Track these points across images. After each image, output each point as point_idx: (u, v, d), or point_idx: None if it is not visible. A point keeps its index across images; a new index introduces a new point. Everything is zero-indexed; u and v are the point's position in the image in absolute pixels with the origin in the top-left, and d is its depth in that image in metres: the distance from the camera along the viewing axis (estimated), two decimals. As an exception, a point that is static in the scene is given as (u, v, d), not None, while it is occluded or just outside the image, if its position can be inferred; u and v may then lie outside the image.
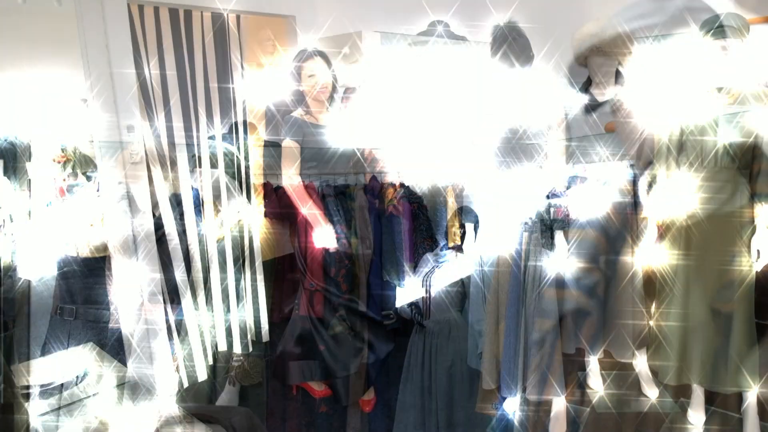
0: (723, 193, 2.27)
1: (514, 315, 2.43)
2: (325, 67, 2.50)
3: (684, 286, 2.35)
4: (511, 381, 2.43)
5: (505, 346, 2.44)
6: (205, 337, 2.82)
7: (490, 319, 2.47)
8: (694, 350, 2.35)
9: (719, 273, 2.29)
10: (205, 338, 2.83)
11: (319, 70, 2.47)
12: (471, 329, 2.64)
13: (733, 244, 2.26)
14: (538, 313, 2.40)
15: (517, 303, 2.42)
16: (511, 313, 2.43)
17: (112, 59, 2.40)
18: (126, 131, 2.47)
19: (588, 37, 2.26)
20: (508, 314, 2.43)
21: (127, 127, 2.47)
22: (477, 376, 2.62)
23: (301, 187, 2.75)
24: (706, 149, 2.26)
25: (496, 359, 2.51)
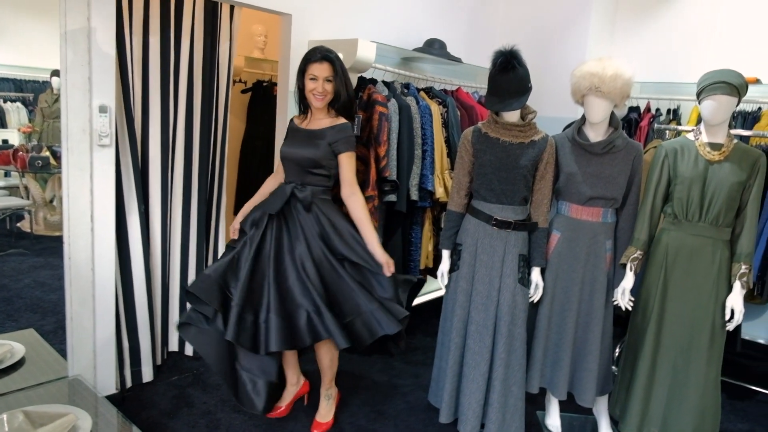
0: (702, 248, 2.25)
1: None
2: (329, 73, 2.34)
3: (655, 336, 2.33)
4: (472, 417, 2.35)
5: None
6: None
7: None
8: (656, 401, 2.32)
9: (691, 327, 2.27)
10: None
11: (322, 75, 2.33)
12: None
13: (707, 301, 2.24)
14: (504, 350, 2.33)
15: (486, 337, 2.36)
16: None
17: (92, 33, 2.25)
18: (98, 111, 2.32)
19: (588, 75, 2.23)
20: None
21: (100, 106, 2.32)
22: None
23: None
24: (692, 202, 2.25)
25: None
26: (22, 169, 5.29)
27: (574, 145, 2.38)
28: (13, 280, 4.29)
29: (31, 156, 5.35)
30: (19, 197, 5.73)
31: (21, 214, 5.75)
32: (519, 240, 2.35)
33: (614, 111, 2.35)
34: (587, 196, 2.34)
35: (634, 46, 4.27)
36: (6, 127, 7.06)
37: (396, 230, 3.17)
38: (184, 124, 2.83)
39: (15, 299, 3.89)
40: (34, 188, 5.50)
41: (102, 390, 2.56)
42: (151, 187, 2.76)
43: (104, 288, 2.49)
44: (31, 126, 6.63)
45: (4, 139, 6.42)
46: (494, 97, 2.27)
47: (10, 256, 4.87)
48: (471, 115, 3.63)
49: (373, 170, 2.96)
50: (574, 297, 2.39)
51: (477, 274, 2.36)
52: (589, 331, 2.39)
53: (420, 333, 3.79)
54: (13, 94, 7.50)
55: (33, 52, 4.54)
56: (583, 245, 2.37)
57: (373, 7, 3.46)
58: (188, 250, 3.00)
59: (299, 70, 2.37)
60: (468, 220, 2.42)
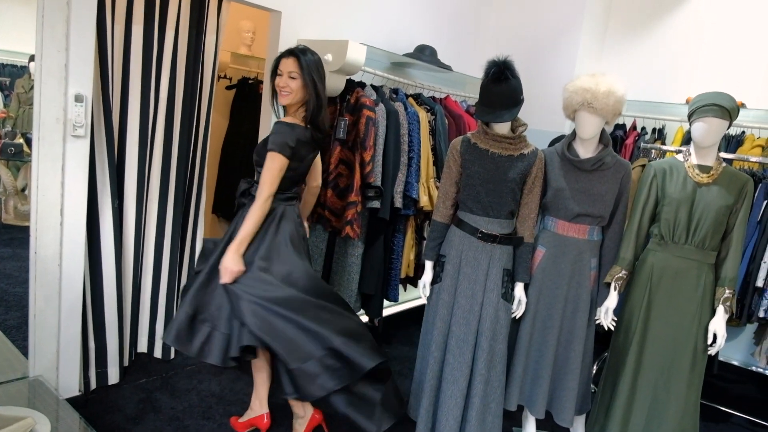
0: (687, 271, 2.24)
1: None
2: (294, 68, 2.22)
3: (636, 357, 2.30)
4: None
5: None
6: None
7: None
8: (635, 423, 2.29)
9: (673, 350, 2.25)
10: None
11: (286, 70, 2.23)
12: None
13: (690, 324, 2.23)
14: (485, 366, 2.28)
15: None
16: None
17: (72, 18, 2.15)
18: (73, 100, 2.22)
19: (581, 90, 2.20)
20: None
21: (76, 96, 2.22)
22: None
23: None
24: (679, 224, 2.23)
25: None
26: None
27: (563, 160, 2.35)
28: (-23, 271, 4.13)
29: (4, 142, 5.17)
30: (-10, 185, 5.55)
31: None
32: (504, 254, 2.31)
33: (604, 128, 2.33)
34: (574, 212, 2.31)
35: (623, 64, 4.28)
36: (-18, 112, 6.82)
37: (378, 238, 3.11)
38: (164, 119, 2.73)
39: (-21, 291, 3.74)
40: (5, 176, 5.32)
41: (64, 392, 2.45)
42: (126, 182, 2.65)
43: (71, 284, 2.38)
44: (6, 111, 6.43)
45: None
46: (485, 108, 2.22)
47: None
48: (459, 124, 3.59)
49: (357, 175, 2.90)
50: (556, 314, 2.35)
51: (460, 287, 2.31)
52: (571, 349, 2.35)
53: (397, 342, 3.73)
54: (-10, 78, 7.25)
55: (12, 36, 4.38)
56: (568, 262, 2.34)
57: (365, 9, 3.40)
58: (162, 248, 2.90)
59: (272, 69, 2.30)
60: (453, 232, 2.37)
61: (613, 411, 2.32)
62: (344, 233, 2.92)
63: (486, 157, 2.27)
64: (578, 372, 2.35)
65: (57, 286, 2.33)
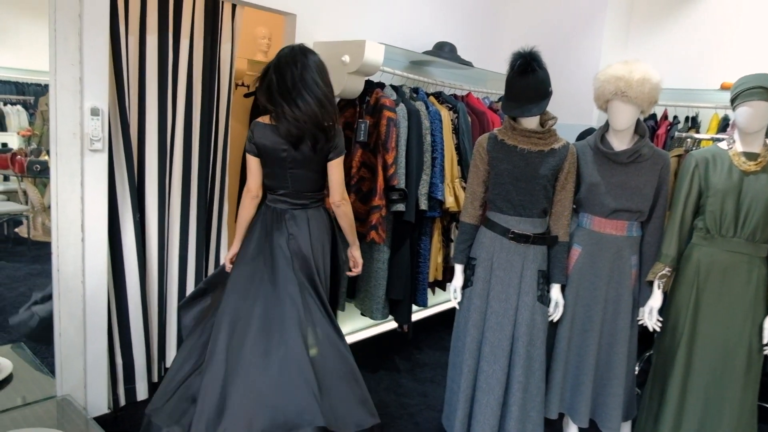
0: (737, 266, 2.09)
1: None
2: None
3: (685, 359, 2.16)
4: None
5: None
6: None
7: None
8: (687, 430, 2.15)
9: (725, 351, 2.10)
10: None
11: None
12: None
13: (742, 322, 2.08)
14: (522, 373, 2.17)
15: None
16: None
17: (85, 30, 2.12)
18: (89, 114, 2.18)
19: (614, 78, 2.08)
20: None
21: (92, 109, 2.18)
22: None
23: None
24: (726, 216, 2.09)
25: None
26: (20, 173, 5.18)
27: (596, 153, 2.23)
28: (7, 288, 4.16)
29: (30, 160, 5.23)
30: (18, 202, 5.62)
31: (19, 220, 5.63)
32: (538, 255, 2.20)
33: (639, 117, 2.21)
34: (611, 208, 2.19)
35: (650, 51, 4.12)
36: (6, 130, 6.95)
37: (404, 242, 3.02)
38: (182, 129, 2.68)
39: (9, 309, 3.75)
40: (32, 193, 5.38)
41: (93, 410, 2.41)
42: (147, 195, 2.61)
43: (95, 301, 2.35)
44: (31, 129, 6.51)
45: (4, 142, 6.31)
46: (512, 102, 2.12)
47: (6, 263, 4.74)
48: (482, 121, 3.48)
49: (380, 178, 2.82)
50: (596, 316, 2.23)
51: (492, 290, 2.20)
52: (614, 353, 2.23)
53: (427, 348, 3.63)
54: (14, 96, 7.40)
55: (35, 54, 4.42)
56: (606, 261, 2.22)
57: (382, 8, 3.32)
58: (186, 260, 2.85)
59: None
60: (483, 233, 2.27)
61: (663, 417, 2.19)
62: (369, 238, 2.83)
63: (515, 153, 2.17)
64: (623, 377, 2.22)
65: (81, 303, 2.29)
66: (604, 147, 2.20)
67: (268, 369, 1.99)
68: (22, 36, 6.31)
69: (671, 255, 2.18)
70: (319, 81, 2.08)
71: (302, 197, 2.23)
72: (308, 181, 2.21)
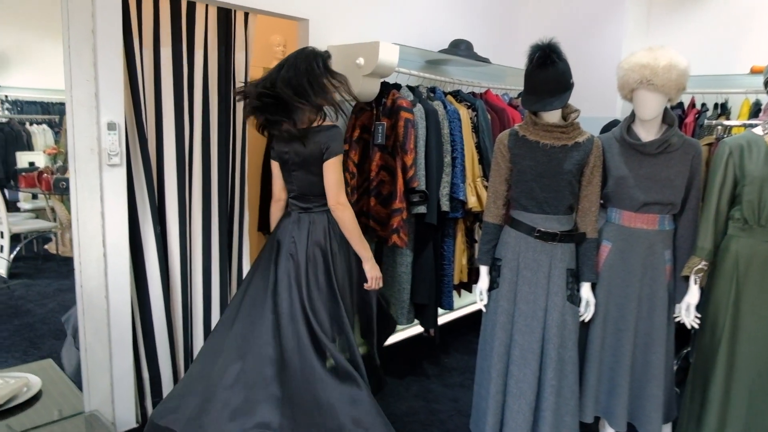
0: (779, 257, 1.98)
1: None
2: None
3: (727, 358, 2.05)
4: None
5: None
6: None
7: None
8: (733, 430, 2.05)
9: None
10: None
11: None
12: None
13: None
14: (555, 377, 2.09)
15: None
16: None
17: (98, 45, 2.12)
18: (106, 129, 2.18)
19: (638, 66, 1.99)
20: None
21: (108, 124, 2.19)
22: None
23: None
24: (764, 205, 1.98)
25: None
26: (47, 190, 5.28)
27: (623, 145, 2.15)
28: (38, 305, 4.23)
29: (56, 177, 5.32)
30: (47, 219, 5.73)
31: (48, 237, 5.74)
32: (566, 253, 2.12)
33: (666, 106, 2.11)
34: (641, 201, 2.10)
35: (674, 36, 3.99)
36: (32, 149, 7.09)
37: (427, 244, 2.97)
38: (200, 140, 2.67)
39: (39, 325, 3.81)
40: (60, 210, 5.47)
41: (121, 425, 2.41)
42: (167, 207, 2.61)
43: (119, 316, 2.35)
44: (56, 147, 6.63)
45: (31, 161, 6.45)
46: (532, 96, 2.05)
47: (36, 280, 4.83)
48: (502, 118, 3.41)
49: (400, 181, 2.77)
50: (630, 315, 2.14)
51: (520, 292, 2.13)
52: (651, 352, 2.13)
53: (456, 351, 3.56)
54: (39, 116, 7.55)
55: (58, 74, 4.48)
56: (638, 257, 2.13)
57: (395, 8, 3.28)
58: (210, 271, 2.83)
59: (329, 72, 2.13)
60: (507, 233, 2.20)
61: (706, 420, 2.08)
62: (391, 242, 2.78)
63: (537, 149, 2.09)
64: (662, 377, 2.12)
65: (105, 319, 2.29)
66: (631, 138, 2.12)
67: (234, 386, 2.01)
68: (46, 56, 6.44)
69: (707, 248, 2.08)
70: (300, 67, 2.07)
71: (306, 201, 2.22)
72: (310, 184, 2.18)
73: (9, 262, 4.80)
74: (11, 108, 7.27)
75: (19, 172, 5.74)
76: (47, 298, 4.39)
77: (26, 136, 6.68)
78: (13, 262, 4.92)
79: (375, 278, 2.24)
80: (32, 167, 5.95)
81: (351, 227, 2.15)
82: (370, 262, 2.22)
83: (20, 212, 5.79)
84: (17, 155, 6.28)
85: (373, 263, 2.24)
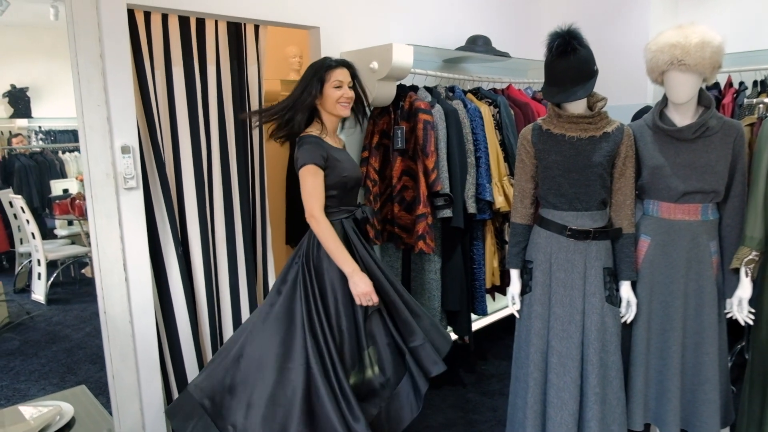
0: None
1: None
2: (350, 80, 2.13)
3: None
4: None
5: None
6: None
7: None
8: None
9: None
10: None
11: (346, 80, 2.10)
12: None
13: None
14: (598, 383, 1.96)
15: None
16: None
17: (108, 69, 2.11)
18: (120, 153, 2.16)
19: (668, 47, 1.86)
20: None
21: (122, 147, 2.17)
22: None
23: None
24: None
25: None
26: (80, 216, 5.37)
27: (656, 132, 2.01)
28: (75, 329, 4.29)
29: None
30: (82, 244, 5.84)
31: (84, 261, 5.85)
32: (601, 251, 1.99)
33: (702, 87, 1.97)
34: (680, 191, 1.96)
35: (705, 14, 3.78)
36: (66, 176, 7.25)
37: (455, 249, 2.86)
38: (219, 156, 2.64)
39: (76, 350, 3.86)
40: (93, 234, 5.57)
41: (153, 449, 2.38)
42: (188, 227, 2.57)
43: (145, 340, 2.32)
44: (86, 174, 6.72)
45: (65, 188, 6.59)
46: (554, 87, 1.93)
47: (73, 305, 4.92)
48: (526, 113, 3.28)
49: (422, 185, 2.68)
50: (676, 313, 1.99)
51: (554, 295, 2.01)
52: (702, 353, 1.98)
53: (493, 357, 3.43)
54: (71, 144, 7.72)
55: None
56: (681, 250, 1.98)
57: (407, 9, 3.19)
58: (238, 290, 2.79)
59: (318, 80, 2.08)
60: (537, 233, 2.08)
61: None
62: (417, 249, 2.69)
63: (563, 142, 1.98)
64: (716, 379, 1.96)
65: (131, 344, 2.27)
66: (665, 124, 1.97)
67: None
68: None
69: (757, 237, 1.91)
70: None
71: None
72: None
73: (47, 288, 4.89)
74: (45, 138, 7.49)
75: (53, 199, 5.89)
76: (84, 322, 4.46)
77: (59, 164, 6.85)
78: (51, 287, 5.02)
79: (359, 295, 1.98)
80: (65, 194, 6.08)
81: (324, 241, 1.99)
82: (352, 278, 1.98)
83: (57, 239, 5.92)
84: (51, 183, 6.44)
85: (357, 278, 1.97)
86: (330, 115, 2.13)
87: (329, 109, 2.10)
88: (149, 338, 2.33)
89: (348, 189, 2.11)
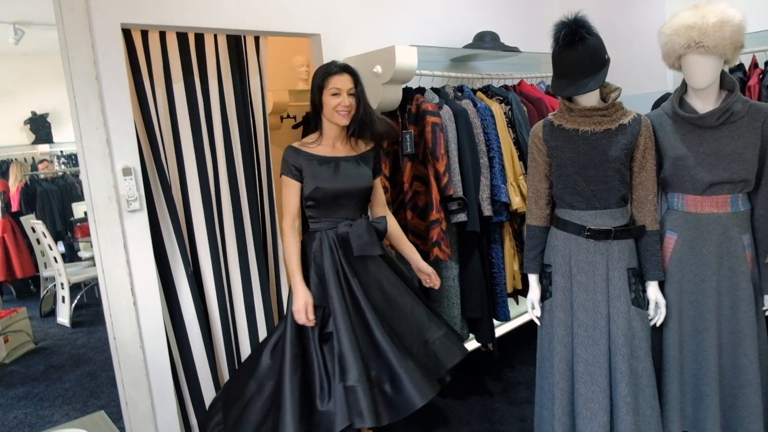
0: None
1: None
2: (353, 87, 2.04)
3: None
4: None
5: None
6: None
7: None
8: None
9: None
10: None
11: (345, 87, 2.02)
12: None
13: None
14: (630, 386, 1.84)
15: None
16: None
17: (104, 91, 2.07)
18: (122, 175, 2.12)
19: (684, 29, 1.74)
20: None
21: (123, 169, 2.13)
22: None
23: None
24: None
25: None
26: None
27: (676, 121, 1.88)
28: (98, 351, 4.30)
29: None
30: (105, 265, 5.89)
31: (108, 282, 5.90)
32: (624, 251, 1.87)
33: (723, 69, 1.84)
34: (706, 182, 1.83)
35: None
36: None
37: (473, 253, 2.76)
38: (226, 172, 2.60)
39: (99, 373, 3.85)
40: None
41: (172, 474, 2.33)
42: (198, 246, 2.53)
43: (158, 364, 2.28)
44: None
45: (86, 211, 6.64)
46: (563, 80, 1.83)
47: (97, 327, 4.94)
48: (539, 108, 3.17)
49: (434, 190, 2.59)
50: (709, 313, 1.86)
51: (576, 300, 1.90)
52: (741, 354, 1.84)
53: (519, 364, 3.30)
54: (91, 167, 7.73)
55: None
56: (711, 245, 1.85)
57: (410, 9, 3.11)
58: (254, 307, 2.74)
59: (316, 86, 2.04)
60: (554, 235, 1.97)
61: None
62: (433, 256, 2.60)
63: (576, 138, 1.87)
64: (758, 382, 1.82)
65: (143, 369, 2.23)
66: (686, 111, 1.85)
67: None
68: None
69: (794, 227, 1.78)
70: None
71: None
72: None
73: (71, 311, 4.93)
74: (66, 162, 7.61)
75: (75, 222, 5.96)
76: (107, 343, 4.45)
77: (80, 187, 6.94)
78: (75, 310, 5.05)
79: (292, 312, 1.97)
80: (86, 217, 6.15)
81: (287, 252, 2.06)
82: (293, 293, 1.99)
83: (81, 261, 5.98)
84: (73, 206, 6.52)
85: (296, 296, 1.96)
86: (330, 123, 2.06)
87: (328, 116, 2.04)
88: (162, 362, 2.29)
89: (328, 200, 2.05)
